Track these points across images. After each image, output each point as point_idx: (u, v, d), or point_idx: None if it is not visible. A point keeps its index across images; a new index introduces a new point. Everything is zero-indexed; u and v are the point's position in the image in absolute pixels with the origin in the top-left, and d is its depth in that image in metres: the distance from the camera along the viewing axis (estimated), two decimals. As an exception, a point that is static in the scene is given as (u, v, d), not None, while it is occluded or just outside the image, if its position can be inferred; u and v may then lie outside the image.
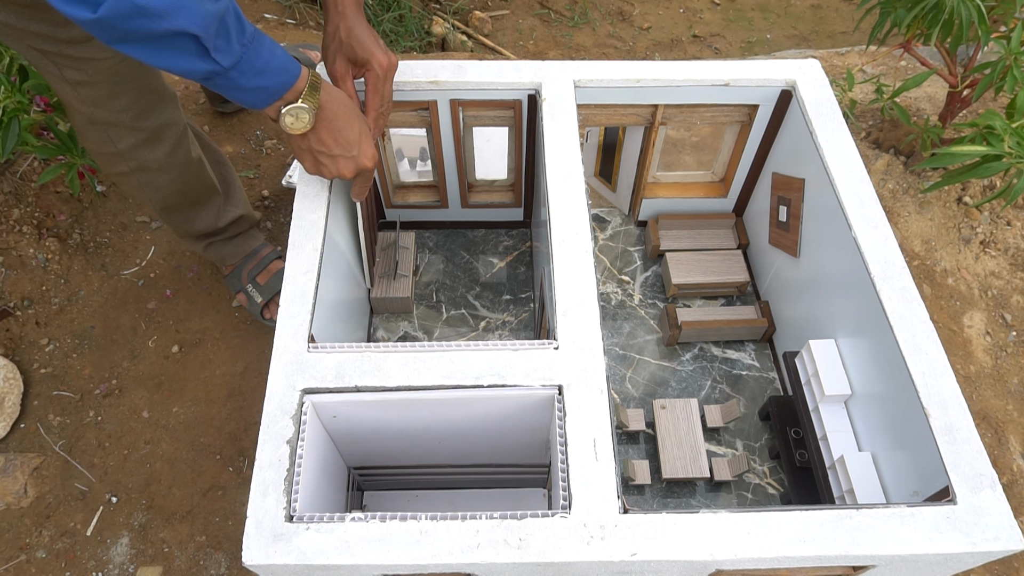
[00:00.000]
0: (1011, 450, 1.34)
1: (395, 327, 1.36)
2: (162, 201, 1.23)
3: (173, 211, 1.27)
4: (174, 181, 1.20)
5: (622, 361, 1.31)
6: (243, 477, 1.27)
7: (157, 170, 1.15)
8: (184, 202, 1.25)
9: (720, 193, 1.42)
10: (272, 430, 0.80)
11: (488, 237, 1.48)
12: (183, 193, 1.23)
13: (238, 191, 1.36)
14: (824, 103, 1.13)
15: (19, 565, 1.19)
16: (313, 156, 0.94)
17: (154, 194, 1.21)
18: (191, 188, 1.24)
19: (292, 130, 0.88)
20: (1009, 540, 0.73)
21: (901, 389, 0.88)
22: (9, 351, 1.39)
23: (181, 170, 1.19)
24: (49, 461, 1.29)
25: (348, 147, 0.93)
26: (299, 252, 0.94)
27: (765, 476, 1.19)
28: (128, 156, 1.11)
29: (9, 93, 1.21)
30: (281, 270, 1.40)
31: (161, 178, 1.18)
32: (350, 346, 0.86)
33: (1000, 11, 1.37)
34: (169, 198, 1.23)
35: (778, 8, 2.92)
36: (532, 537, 0.72)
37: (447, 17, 2.67)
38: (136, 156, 1.12)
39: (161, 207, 1.25)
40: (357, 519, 0.74)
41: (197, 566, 1.19)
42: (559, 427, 0.80)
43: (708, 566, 0.74)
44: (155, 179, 1.17)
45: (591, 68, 1.17)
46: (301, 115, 0.86)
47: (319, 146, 0.92)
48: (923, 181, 1.63)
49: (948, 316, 1.50)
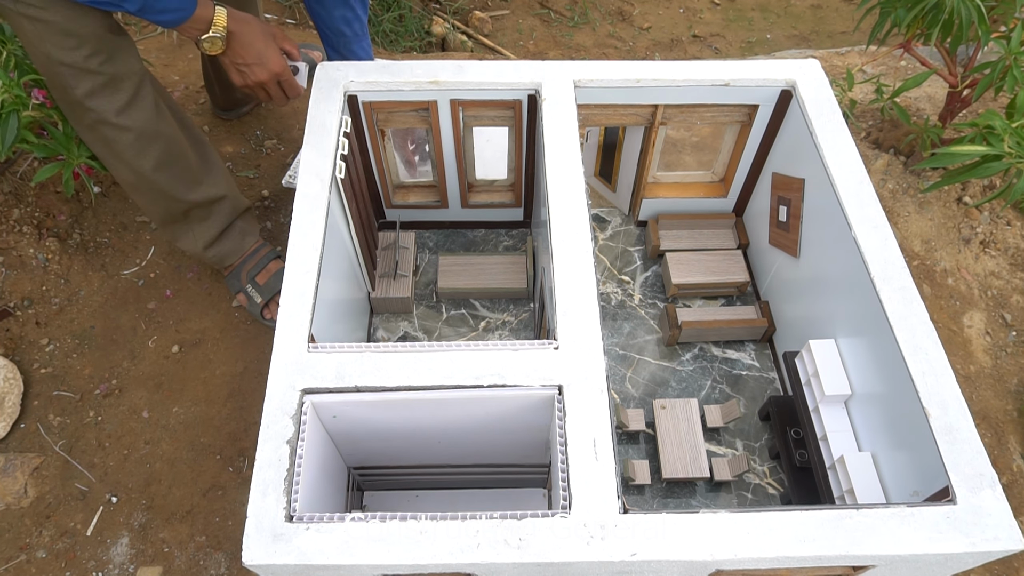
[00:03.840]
0: (1011, 450, 1.34)
1: (395, 327, 1.36)
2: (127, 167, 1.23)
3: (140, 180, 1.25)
4: (135, 144, 1.21)
5: (622, 361, 1.31)
6: (243, 477, 1.27)
7: (117, 127, 1.17)
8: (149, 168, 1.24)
9: (720, 193, 1.42)
10: (272, 430, 0.80)
11: (488, 237, 1.48)
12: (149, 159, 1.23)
13: (218, 171, 1.35)
14: (824, 103, 1.13)
15: (19, 565, 1.19)
16: (235, 68, 1.18)
17: (117, 159, 1.22)
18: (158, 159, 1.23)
19: (211, 52, 1.13)
20: (1009, 540, 0.73)
21: (901, 389, 0.88)
22: (9, 351, 1.39)
23: (142, 135, 1.20)
24: (49, 461, 1.29)
25: (257, 57, 1.17)
26: (299, 252, 0.94)
27: (765, 476, 1.19)
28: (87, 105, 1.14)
29: (8, 87, 1.21)
30: (280, 270, 1.40)
31: (122, 137, 1.19)
32: (350, 346, 0.86)
33: (1000, 11, 1.37)
34: (133, 163, 1.22)
35: (778, 8, 2.92)
36: (532, 537, 0.72)
37: (447, 17, 2.67)
38: (93, 106, 1.14)
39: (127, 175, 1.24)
40: (357, 519, 0.74)
41: (197, 566, 1.19)
42: (559, 427, 0.80)
43: (708, 566, 0.74)
44: (117, 138, 1.19)
45: (591, 68, 1.17)
46: (215, 41, 1.12)
47: (236, 59, 1.17)
48: (923, 181, 1.63)
49: (948, 316, 1.50)
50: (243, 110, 1.73)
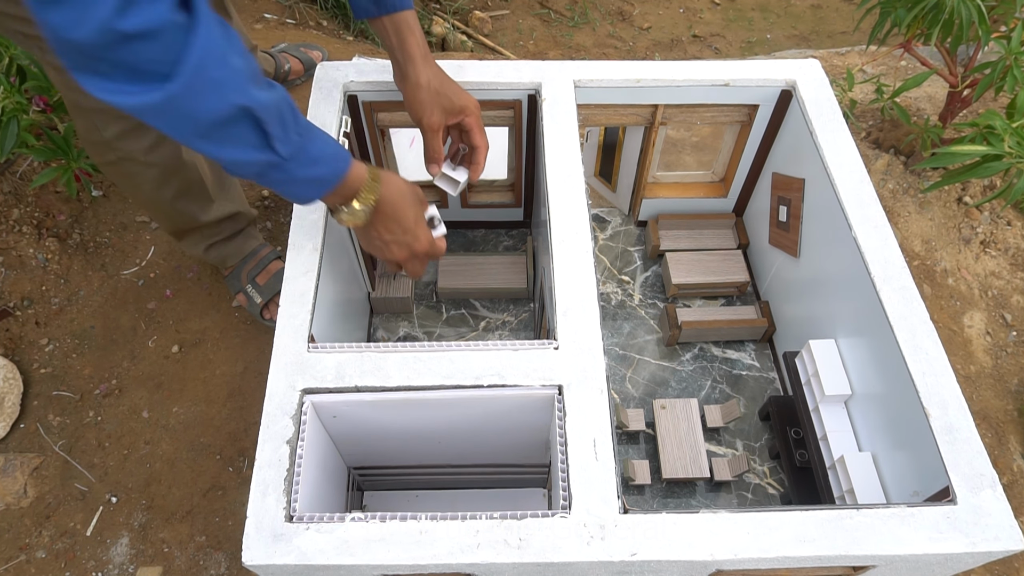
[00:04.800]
0: (1011, 450, 1.34)
1: (395, 327, 1.36)
2: (146, 196, 1.22)
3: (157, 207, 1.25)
4: (159, 178, 1.19)
5: (622, 361, 1.31)
6: (243, 477, 1.27)
7: (143, 164, 1.15)
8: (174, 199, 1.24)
9: (720, 193, 1.41)
10: (272, 430, 0.80)
11: (488, 237, 1.48)
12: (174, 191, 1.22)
13: (232, 189, 1.35)
14: (824, 103, 1.13)
15: (19, 565, 1.19)
16: (368, 239, 0.95)
17: (136, 190, 1.21)
18: (179, 189, 1.23)
19: (346, 224, 0.90)
20: (1009, 540, 0.73)
21: (901, 389, 0.88)
22: (9, 351, 1.39)
23: (166, 169, 1.18)
24: (49, 461, 1.29)
25: (403, 233, 0.94)
26: (299, 252, 0.94)
27: (765, 476, 1.19)
28: (114, 145, 1.11)
29: (8, 93, 1.21)
30: (280, 270, 1.39)
31: (147, 172, 1.17)
32: (350, 346, 0.86)
33: (1000, 11, 1.37)
34: (152, 194, 1.21)
35: (778, 8, 2.92)
36: (532, 537, 0.72)
37: (447, 17, 2.67)
38: (121, 146, 1.11)
39: (145, 201, 1.24)
40: (357, 519, 0.74)
41: (197, 566, 1.18)
42: (559, 427, 0.80)
43: (708, 566, 0.74)
44: (141, 172, 1.17)
45: (591, 68, 1.17)
46: (357, 214, 0.88)
47: (380, 233, 0.93)
48: (923, 181, 1.63)
49: (948, 316, 1.50)
50: None
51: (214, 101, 0.67)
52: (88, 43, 0.59)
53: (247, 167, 0.76)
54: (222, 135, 0.72)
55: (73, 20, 0.57)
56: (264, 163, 0.75)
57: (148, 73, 0.63)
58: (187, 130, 0.69)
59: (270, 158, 0.75)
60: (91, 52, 0.60)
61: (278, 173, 0.77)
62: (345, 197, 0.86)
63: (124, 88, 0.63)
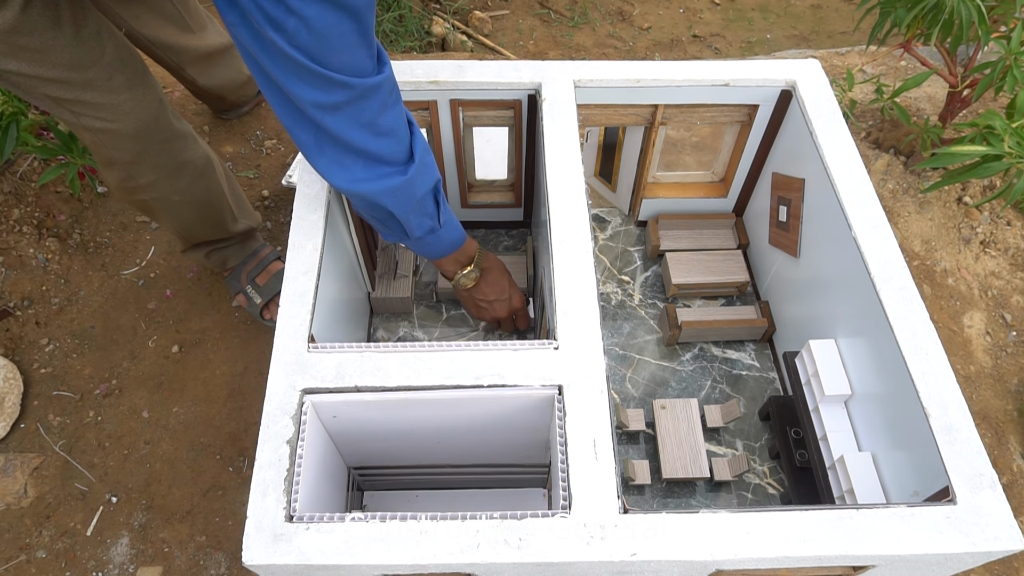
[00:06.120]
0: (1011, 450, 1.34)
1: (395, 327, 1.36)
2: (180, 224, 1.26)
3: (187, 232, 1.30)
4: (194, 211, 1.23)
5: (622, 361, 1.31)
6: (243, 477, 1.27)
7: (179, 202, 1.18)
8: (200, 226, 1.29)
9: (720, 193, 1.41)
10: (272, 430, 0.80)
11: (488, 237, 1.48)
12: (201, 220, 1.26)
13: (245, 208, 1.39)
14: (824, 103, 1.13)
15: (19, 565, 1.19)
16: (475, 303, 1.19)
17: (164, 220, 1.24)
18: (210, 217, 1.27)
19: (462, 286, 1.15)
20: (1009, 540, 0.73)
21: (901, 389, 0.88)
22: (9, 351, 1.39)
23: (199, 204, 1.22)
24: (49, 461, 1.29)
25: (502, 293, 1.19)
26: (299, 252, 0.94)
27: (765, 476, 1.19)
28: (149, 188, 1.14)
29: (8, 100, 1.21)
30: (280, 271, 1.40)
31: (180, 208, 1.21)
32: (350, 346, 0.86)
33: (1000, 11, 1.37)
34: (186, 223, 1.26)
35: (778, 8, 2.92)
36: (532, 537, 0.72)
37: (447, 17, 2.67)
38: (157, 188, 1.14)
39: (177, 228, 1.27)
40: (357, 519, 0.74)
41: (197, 566, 1.19)
42: (559, 427, 0.80)
43: (708, 566, 0.74)
44: (175, 208, 1.20)
45: (591, 68, 1.17)
46: (471, 275, 1.14)
47: (480, 295, 1.17)
48: (923, 181, 1.63)
49: (948, 316, 1.50)
50: (243, 110, 1.73)
51: (427, 180, 0.92)
52: None
53: (419, 230, 0.97)
54: (420, 208, 0.94)
55: None
56: (430, 228, 0.98)
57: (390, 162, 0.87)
58: (408, 206, 0.92)
59: (434, 224, 0.98)
60: None
61: (433, 236, 1.00)
62: (462, 263, 1.11)
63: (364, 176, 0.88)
